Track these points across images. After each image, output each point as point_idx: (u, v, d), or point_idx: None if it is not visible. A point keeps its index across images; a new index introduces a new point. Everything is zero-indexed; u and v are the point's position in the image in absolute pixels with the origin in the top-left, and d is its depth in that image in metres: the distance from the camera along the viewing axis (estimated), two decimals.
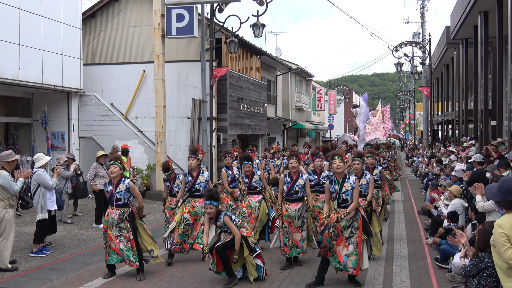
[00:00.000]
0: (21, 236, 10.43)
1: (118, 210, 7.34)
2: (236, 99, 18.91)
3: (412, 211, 13.86)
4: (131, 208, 7.46)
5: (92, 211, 12.66)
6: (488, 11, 17.20)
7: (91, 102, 17.83)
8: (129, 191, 7.42)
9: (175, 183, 8.81)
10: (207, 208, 7.01)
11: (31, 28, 14.26)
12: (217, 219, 7.04)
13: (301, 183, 7.91)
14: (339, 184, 6.87)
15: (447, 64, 33.33)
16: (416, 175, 25.29)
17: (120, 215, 7.33)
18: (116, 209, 7.35)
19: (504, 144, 13.20)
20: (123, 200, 7.36)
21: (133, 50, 18.51)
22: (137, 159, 16.93)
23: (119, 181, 7.43)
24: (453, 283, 7.07)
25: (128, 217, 7.37)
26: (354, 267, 6.71)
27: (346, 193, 6.79)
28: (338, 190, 6.85)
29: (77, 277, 7.52)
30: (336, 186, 6.90)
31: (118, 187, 7.38)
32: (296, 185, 7.89)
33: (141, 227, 7.60)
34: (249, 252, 7.03)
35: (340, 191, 6.83)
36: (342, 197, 6.80)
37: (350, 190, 6.79)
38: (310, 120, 38.30)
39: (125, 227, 7.35)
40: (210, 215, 7.02)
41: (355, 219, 6.79)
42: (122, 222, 7.35)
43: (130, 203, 7.45)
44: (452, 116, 29.76)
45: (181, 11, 15.50)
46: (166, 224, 8.82)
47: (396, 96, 63.39)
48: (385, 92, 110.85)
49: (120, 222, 7.35)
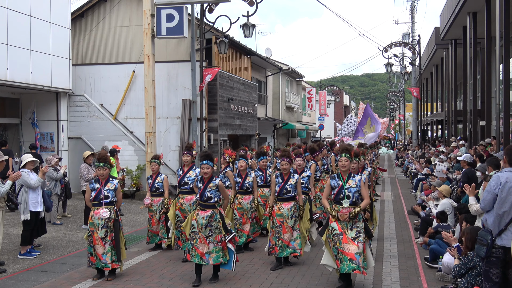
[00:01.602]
0: (9, 237, 10.33)
1: (106, 208, 7.31)
2: (226, 99, 18.88)
3: (402, 211, 13.92)
4: (115, 207, 7.48)
5: (81, 212, 12.58)
6: (477, 12, 17.35)
7: (80, 103, 17.72)
8: (116, 191, 7.46)
9: (156, 180, 9.10)
10: (203, 168, 7.18)
11: (19, 28, 14.15)
12: (210, 181, 7.14)
13: (292, 183, 7.93)
14: (344, 181, 6.82)
15: (436, 65, 33.58)
16: (406, 175, 25.41)
17: (110, 214, 7.30)
18: (104, 207, 7.32)
19: (492, 144, 13.30)
20: (110, 198, 7.35)
21: (122, 50, 18.42)
22: (127, 160, 16.85)
23: (107, 180, 7.45)
24: (443, 283, 7.10)
25: (115, 216, 7.36)
26: (365, 267, 6.62)
27: (350, 189, 6.78)
28: (341, 185, 6.81)
29: (66, 279, 7.47)
30: (340, 181, 6.86)
31: (106, 185, 7.38)
32: (287, 185, 7.91)
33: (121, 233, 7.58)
34: (225, 232, 7.11)
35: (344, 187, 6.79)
36: (344, 193, 6.77)
37: (355, 188, 6.77)
38: (300, 120, 38.34)
39: (111, 227, 7.32)
40: (206, 175, 7.14)
41: (358, 219, 6.75)
42: (110, 222, 7.30)
43: (114, 202, 7.45)
44: (442, 116, 29.97)
45: (171, 11, 15.43)
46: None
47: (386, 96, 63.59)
48: (375, 93, 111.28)
49: (108, 222, 7.29)
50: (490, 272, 5.28)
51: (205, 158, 7.24)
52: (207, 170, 7.15)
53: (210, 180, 7.15)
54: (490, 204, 5.35)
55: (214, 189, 7.11)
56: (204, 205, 7.13)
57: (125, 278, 7.44)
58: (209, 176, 7.16)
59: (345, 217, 6.62)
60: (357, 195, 6.79)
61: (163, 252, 9.13)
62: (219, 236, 7.04)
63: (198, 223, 7.08)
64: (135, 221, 12.54)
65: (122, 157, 16.12)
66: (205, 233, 7.02)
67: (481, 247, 5.32)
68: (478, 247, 5.36)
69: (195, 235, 7.09)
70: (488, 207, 5.38)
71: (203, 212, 7.10)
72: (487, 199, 5.38)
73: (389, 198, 16.62)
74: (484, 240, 5.30)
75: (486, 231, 5.33)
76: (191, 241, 7.14)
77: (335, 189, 6.88)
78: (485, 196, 5.40)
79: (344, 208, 6.67)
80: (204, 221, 7.04)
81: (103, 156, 7.65)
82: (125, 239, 7.66)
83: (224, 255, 7.08)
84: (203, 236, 7.02)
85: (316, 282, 7.19)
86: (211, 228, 7.04)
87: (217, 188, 7.13)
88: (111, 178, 7.54)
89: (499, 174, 5.37)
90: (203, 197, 7.11)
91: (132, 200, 16.19)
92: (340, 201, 6.76)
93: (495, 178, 5.37)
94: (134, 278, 7.45)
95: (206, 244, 7.01)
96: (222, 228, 7.10)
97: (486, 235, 5.29)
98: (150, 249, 9.29)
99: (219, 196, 7.20)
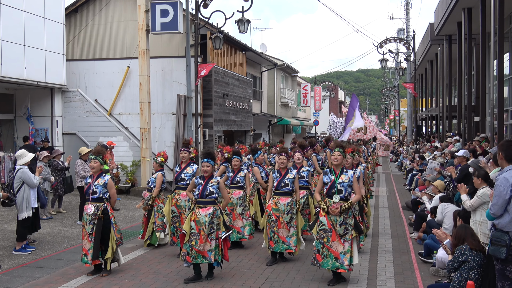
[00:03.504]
0: (3, 233, 10.31)
1: (92, 205, 7.30)
2: (221, 95, 18.87)
3: (396, 206, 13.97)
4: (106, 204, 7.38)
5: (76, 208, 12.57)
6: (471, 8, 17.38)
7: (74, 98, 17.65)
8: (106, 187, 7.37)
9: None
10: (204, 166, 7.18)
11: (12, 23, 14.05)
12: (211, 177, 7.16)
13: (290, 177, 7.98)
14: (337, 176, 6.88)
15: (431, 60, 33.64)
16: (400, 170, 25.49)
17: (95, 210, 7.26)
18: (91, 204, 7.31)
19: (487, 139, 13.36)
20: (98, 194, 7.31)
21: (117, 46, 18.34)
22: (121, 156, 16.81)
23: (99, 175, 7.42)
24: (437, 277, 7.14)
25: (101, 214, 7.28)
26: (350, 264, 6.78)
27: (342, 184, 6.83)
28: (334, 180, 6.86)
29: (61, 275, 7.46)
30: (333, 176, 6.92)
31: (96, 181, 7.36)
32: (285, 179, 7.97)
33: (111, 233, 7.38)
34: (224, 228, 7.15)
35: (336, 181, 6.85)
36: (336, 187, 6.82)
37: (347, 182, 6.83)
38: (295, 116, 38.36)
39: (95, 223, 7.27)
40: (206, 173, 7.13)
41: (348, 215, 6.82)
42: (95, 218, 7.25)
43: (105, 199, 7.38)
44: (436, 112, 30.06)
45: (166, 7, 15.41)
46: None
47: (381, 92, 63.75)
48: (370, 88, 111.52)
49: (94, 218, 7.26)
50: (507, 270, 5.13)
51: (207, 156, 7.24)
52: (207, 169, 7.15)
53: (211, 177, 7.17)
54: (502, 208, 5.08)
55: (215, 185, 7.09)
56: (204, 201, 7.05)
57: (120, 274, 7.44)
58: (209, 174, 7.17)
59: (336, 211, 6.69)
60: (349, 190, 6.84)
61: (158, 248, 9.13)
62: (218, 233, 7.05)
63: (200, 222, 6.97)
64: (130, 217, 12.53)
65: (117, 153, 16.08)
66: (207, 231, 6.97)
67: (499, 249, 5.04)
68: (495, 249, 5.11)
69: (193, 237, 6.97)
70: (500, 212, 5.10)
71: (204, 210, 7.02)
72: (498, 204, 5.10)
73: (384, 194, 16.67)
74: (502, 241, 5.04)
75: (501, 231, 5.12)
76: (189, 243, 7.00)
77: (327, 184, 6.93)
78: (496, 201, 5.12)
79: (335, 203, 6.73)
80: (207, 218, 6.98)
81: (98, 150, 7.65)
82: (116, 237, 7.41)
83: (219, 253, 7.07)
84: (205, 235, 6.95)
85: (311, 277, 7.22)
86: (212, 225, 7.00)
87: (218, 184, 7.12)
88: (103, 173, 7.49)
89: (506, 176, 5.11)
90: (205, 192, 7.05)
91: (127, 196, 16.17)
92: (332, 196, 6.82)
93: (503, 181, 5.09)
94: (129, 274, 7.45)
95: (208, 242, 6.96)
96: (221, 224, 7.12)
97: (503, 235, 5.05)
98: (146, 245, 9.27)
99: (219, 193, 7.19)
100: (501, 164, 5.32)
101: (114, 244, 7.37)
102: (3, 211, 12.31)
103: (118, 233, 7.50)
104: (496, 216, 5.19)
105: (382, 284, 6.95)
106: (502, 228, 5.10)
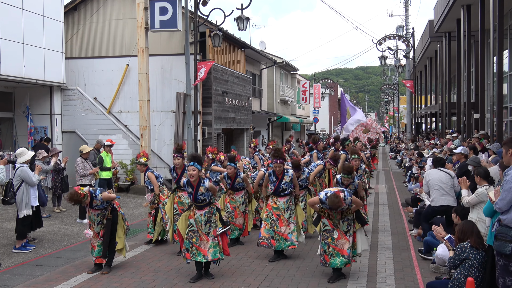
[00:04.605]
0: (3, 232, 10.31)
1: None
2: (220, 92, 18.85)
3: (396, 203, 13.98)
4: (114, 202, 7.51)
5: (76, 206, 12.53)
6: (470, 5, 17.38)
7: (74, 97, 17.63)
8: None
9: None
10: (189, 169, 6.90)
11: (11, 22, 14.03)
12: (200, 184, 6.91)
13: (287, 181, 7.98)
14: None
15: (430, 57, 33.64)
16: (400, 167, 25.50)
17: (103, 211, 7.35)
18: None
19: (487, 136, 13.36)
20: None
21: (116, 44, 18.31)
22: (121, 154, 16.81)
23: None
24: (437, 274, 7.15)
25: (110, 214, 7.38)
26: (354, 255, 7.13)
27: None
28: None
29: (61, 273, 7.46)
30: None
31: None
32: (282, 184, 7.97)
33: (120, 224, 7.59)
34: (221, 224, 7.11)
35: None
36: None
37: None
38: (295, 113, 38.33)
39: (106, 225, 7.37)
40: (192, 177, 6.86)
41: (349, 211, 6.91)
42: (105, 219, 7.36)
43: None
44: (436, 109, 30.06)
45: (165, 4, 15.40)
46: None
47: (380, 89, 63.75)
48: (370, 86, 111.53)
49: (102, 219, 7.37)
50: (510, 266, 5.11)
51: (193, 159, 6.98)
52: (193, 173, 6.85)
53: (199, 183, 6.92)
54: (509, 203, 5.05)
55: (205, 192, 6.92)
56: (200, 206, 7.01)
57: (120, 271, 7.45)
58: (196, 179, 6.91)
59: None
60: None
61: (158, 245, 9.14)
62: (215, 230, 7.03)
63: (197, 221, 6.96)
64: (129, 215, 12.52)
65: (117, 151, 16.06)
66: (205, 230, 6.96)
67: (504, 244, 5.01)
68: (501, 244, 5.07)
69: (194, 234, 6.95)
70: (506, 207, 5.08)
71: (200, 210, 6.99)
72: (506, 199, 5.06)
73: (384, 191, 16.68)
74: (508, 236, 4.99)
75: (507, 227, 5.10)
76: (189, 239, 6.97)
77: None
78: (504, 196, 5.08)
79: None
80: (204, 217, 6.96)
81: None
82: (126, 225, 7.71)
83: (220, 251, 7.05)
84: (204, 233, 6.94)
85: (311, 274, 7.23)
86: (210, 224, 6.98)
87: (207, 190, 6.95)
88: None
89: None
90: (197, 201, 6.97)
91: (126, 194, 16.17)
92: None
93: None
94: (129, 272, 7.46)
95: (207, 240, 6.96)
96: (218, 221, 7.08)
97: (509, 231, 5.00)
98: (146, 242, 9.29)
99: (211, 195, 7.06)
100: (509, 161, 5.28)
101: (124, 233, 7.61)
102: (3, 209, 12.31)
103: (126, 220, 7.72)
104: (501, 211, 5.16)
105: (382, 281, 6.96)
106: (508, 224, 5.08)
